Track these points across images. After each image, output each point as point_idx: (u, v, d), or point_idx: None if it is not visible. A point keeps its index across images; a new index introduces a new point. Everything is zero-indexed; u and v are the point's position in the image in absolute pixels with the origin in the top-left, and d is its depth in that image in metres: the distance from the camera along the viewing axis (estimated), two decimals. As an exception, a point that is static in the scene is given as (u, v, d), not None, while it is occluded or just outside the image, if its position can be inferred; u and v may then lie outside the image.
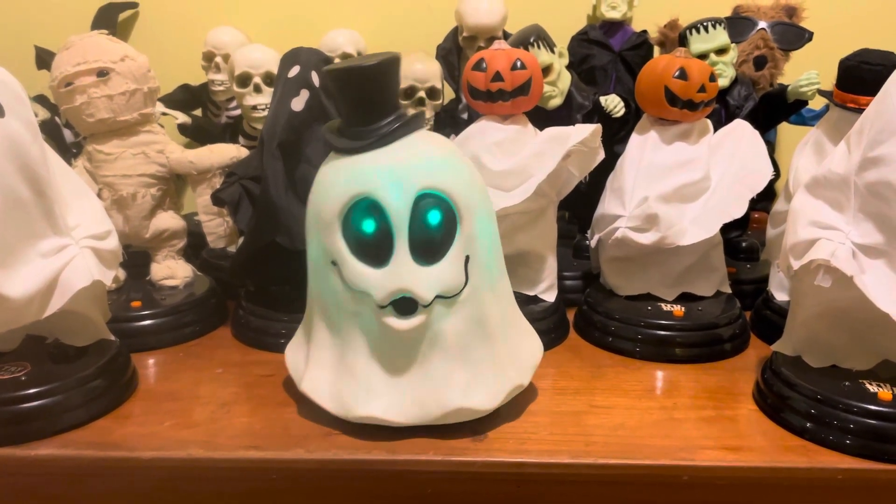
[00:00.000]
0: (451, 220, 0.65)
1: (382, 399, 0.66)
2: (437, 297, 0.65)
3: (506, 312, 0.72)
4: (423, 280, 0.64)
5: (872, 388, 0.69)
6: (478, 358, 0.68)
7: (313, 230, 0.68)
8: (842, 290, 0.67)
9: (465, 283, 0.66)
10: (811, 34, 1.08)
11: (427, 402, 0.66)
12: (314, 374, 0.69)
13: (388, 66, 0.65)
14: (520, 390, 0.71)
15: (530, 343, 0.75)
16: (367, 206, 0.64)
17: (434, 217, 0.64)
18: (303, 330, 0.75)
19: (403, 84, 1.02)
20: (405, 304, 0.64)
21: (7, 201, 0.64)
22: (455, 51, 1.14)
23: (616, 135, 1.05)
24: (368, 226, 0.64)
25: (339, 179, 0.66)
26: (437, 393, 0.66)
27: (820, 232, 0.69)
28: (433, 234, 0.65)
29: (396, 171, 0.64)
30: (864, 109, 0.74)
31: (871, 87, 0.81)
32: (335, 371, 0.69)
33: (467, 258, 0.66)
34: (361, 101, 0.66)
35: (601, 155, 0.87)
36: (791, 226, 0.71)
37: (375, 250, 0.64)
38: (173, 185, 0.96)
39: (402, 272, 0.64)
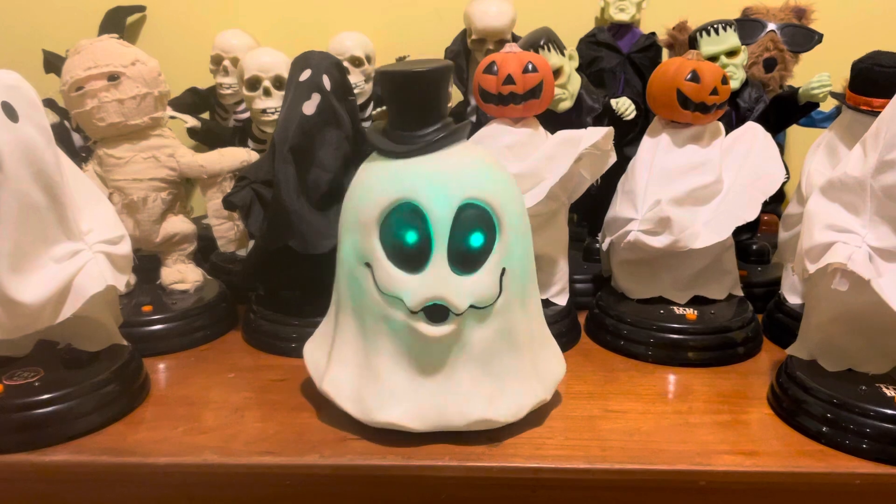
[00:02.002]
0: (490, 232, 0.65)
1: (404, 405, 0.66)
2: (471, 306, 0.65)
3: (534, 327, 0.72)
4: (458, 289, 0.64)
5: (889, 392, 0.69)
6: (504, 370, 0.67)
7: (349, 229, 0.68)
8: (858, 293, 0.67)
9: (499, 295, 0.66)
10: (821, 36, 1.08)
11: (449, 410, 0.66)
12: (336, 374, 0.69)
13: (441, 73, 0.66)
14: (542, 404, 0.70)
15: (554, 358, 0.75)
16: (408, 211, 0.64)
17: (478, 231, 0.64)
18: (325, 328, 0.74)
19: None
20: (437, 312, 0.64)
21: (21, 207, 0.64)
22: (463, 53, 1.14)
23: (626, 137, 1.05)
24: (411, 236, 0.64)
25: (381, 182, 0.66)
26: (460, 402, 0.66)
27: (836, 235, 0.68)
28: (473, 245, 0.65)
29: (441, 178, 0.64)
30: (877, 112, 0.74)
31: (884, 89, 0.81)
32: (358, 373, 0.68)
33: (503, 270, 0.66)
34: (410, 105, 0.66)
35: (613, 158, 0.87)
36: (806, 229, 0.71)
37: (412, 256, 0.64)
38: (183, 188, 0.96)
39: (438, 280, 0.64)
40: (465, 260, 0.65)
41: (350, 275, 0.68)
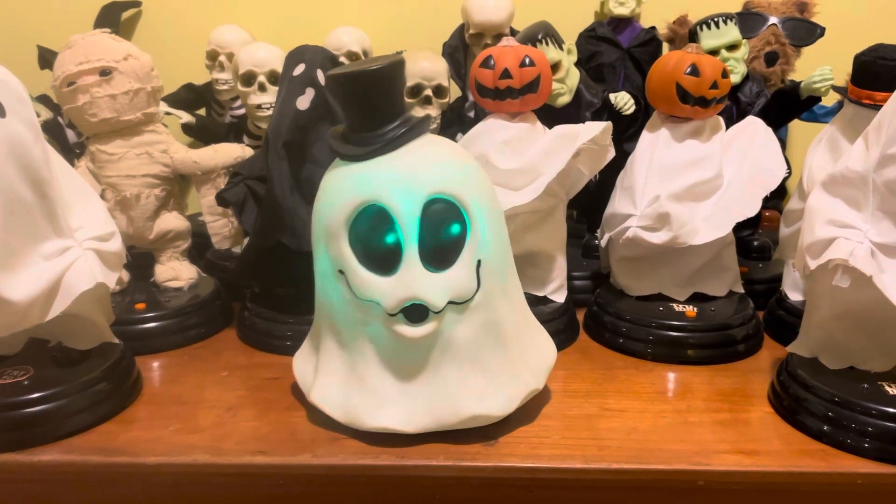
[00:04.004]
0: (461, 225, 0.64)
1: (395, 409, 0.65)
2: (449, 303, 0.64)
3: (518, 316, 0.71)
4: (433, 286, 0.63)
5: (892, 390, 0.68)
6: (491, 363, 0.66)
7: (320, 239, 0.67)
8: (860, 290, 0.65)
9: (478, 289, 0.65)
10: (823, 30, 1.07)
11: (441, 410, 0.65)
12: (324, 384, 0.68)
13: (393, 69, 0.64)
14: (534, 394, 0.69)
15: (544, 345, 0.73)
16: (374, 213, 0.63)
17: (448, 224, 0.63)
18: (311, 339, 0.74)
19: (410, 82, 1.00)
20: (416, 312, 0.63)
21: (9, 203, 0.63)
22: (461, 48, 1.13)
23: (625, 132, 1.03)
24: (380, 238, 0.63)
25: (345, 187, 0.65)
26: (451, 400, 0.65)
27: (837, 231, 0.67)
28: (444, 240, 0.64)
29: (404, 176, 0.63)
30: (879, 105, 0.73)
31: (886, 82, 0.80)
32: (345, 381, 0.67)
33: (479, 262, 0.65)
34: (366, 106, 0.65)
35: (611, 153, 0.86)
36: (807, 224, 0.70)
37: (384, 258, 0.63)
38: (177, 185, 0.95)
39: (412, 279, 0.62)
40: (438, 256, 0.63)
41: (327, 284, 0.67)
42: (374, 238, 0.63)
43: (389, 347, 0.65)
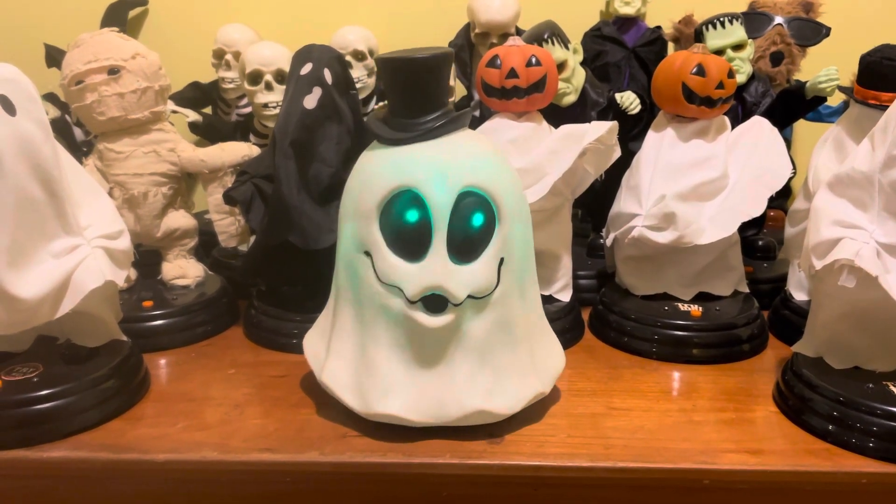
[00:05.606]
0: (490, 221, 0.65)
1: (401, 397, 0.65)
2: (468, 297, 0.64)
3: (532, 319, 0.71)
4: (456, 278, 0.63)
5: (896, 390, 0.68)
6: (502, 362, 0.67)
7: (348, 218, 0.67)
8: (865, 290, 0.66)
9: (497, 285, 0.65)
10: (828, 29, 1.07)
11: (447, 402, 0.65)
12: (334, 365, 0.69)
13: (441, 60, 0.66)
14: (541, 398, 0.70)
15: (554, 351, 0.74)
16: (408, 198, 0.63)
17: (477, 219, 0.64)
18: (324, 319, 0.74)
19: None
20: (435, 302, 0.64)
21: (19, 201, 0.64)
22: (467, 47, 1.13)
23: (630, 132, 1.04)
24: (410, 224, 0.63)
25: (382, 169, 0.65)
26: (458, 394, 0.65)
27: (843, 231, 0.67)
28: (472, 233, 0.64)
29: (441, 166, 0.64)
30: (886, 106, 0.73)
31: (892, 82, 0.80)
32: (356, 364, 0.68)
33: (502, 260, 0.66)
34: (411, 92, 0.66)
35: (617, 153, 0.86)
36: (813, 225, 0.70)
37: (412, 244, 0.64)
38: (184, 183, 0.95)
39: (437, 269, 0.63)
40: (465, 248, 0.64)
41: (349, 264, 0.68)
42: (404, 223, 0.63)
43: (405, 335, 0.66)
